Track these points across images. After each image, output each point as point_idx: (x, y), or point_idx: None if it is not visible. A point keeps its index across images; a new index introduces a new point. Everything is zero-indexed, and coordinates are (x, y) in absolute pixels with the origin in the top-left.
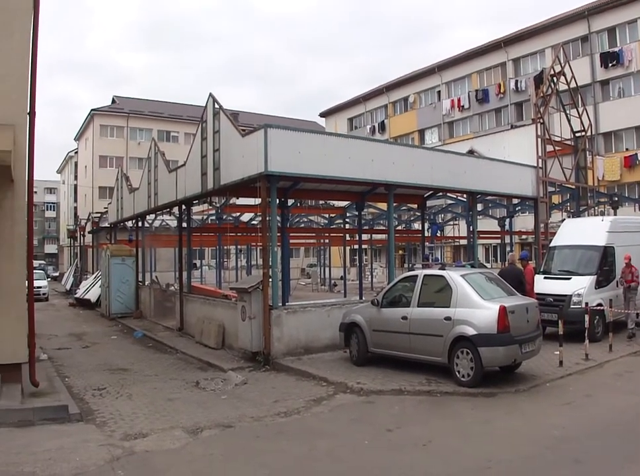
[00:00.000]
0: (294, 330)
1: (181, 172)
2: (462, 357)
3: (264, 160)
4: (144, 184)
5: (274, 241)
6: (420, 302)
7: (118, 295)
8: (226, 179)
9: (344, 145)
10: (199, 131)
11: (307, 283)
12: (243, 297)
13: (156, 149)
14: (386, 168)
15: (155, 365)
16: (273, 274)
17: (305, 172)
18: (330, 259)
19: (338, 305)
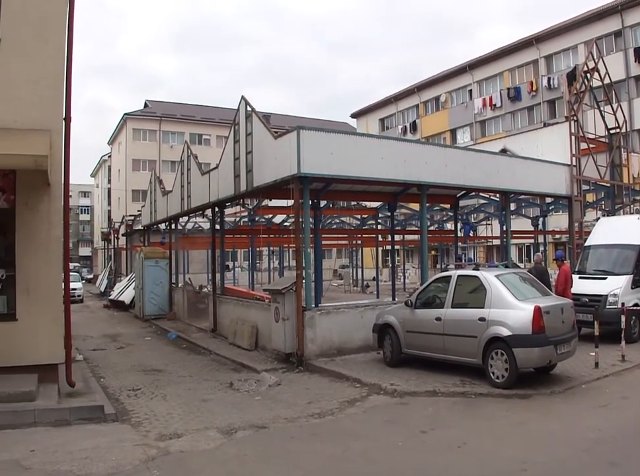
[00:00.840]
0: (327, 331)
1: (214, 174)
2: (496, 358)
3: (296, 162)
4: (177, 186)
5: (306, 243)
6: (454, 303)
7: (152, 296)
8: (259, 181)
9: (376, 146)
10: (231, 134)
11: (339, 285)
12: (276, 298)
13: (188, 152)
14: (418, 169)
15: (188, 366)
16: (306, 276)
17: (338, 174)
18: (363, 260)
19: (371, 306)
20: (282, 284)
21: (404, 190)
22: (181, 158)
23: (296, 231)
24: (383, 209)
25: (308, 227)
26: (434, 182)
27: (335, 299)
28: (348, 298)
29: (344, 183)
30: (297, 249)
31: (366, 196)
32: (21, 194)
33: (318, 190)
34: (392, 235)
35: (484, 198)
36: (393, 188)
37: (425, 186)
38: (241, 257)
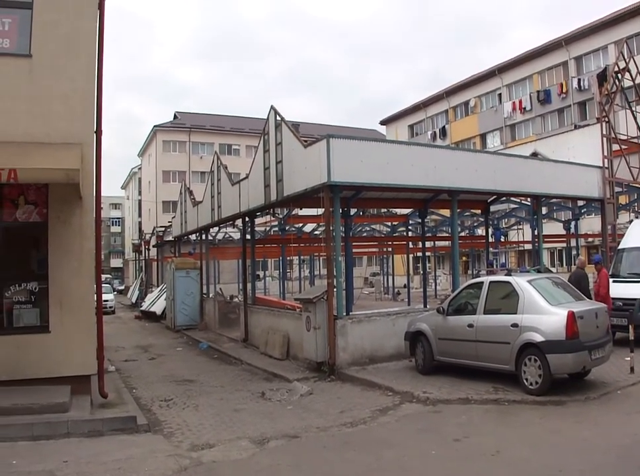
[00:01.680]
0: (359, 339)
1: (244, 184)
2: (530, 364)
3: (326, 171)
4: (207, 197)
5: (337, 251)
6: (486, 309)
7: (183, 307)
8: (289, 190)
9: (406, 153)
10: (261, 144)
11: (370, 292)
12: (308, 307)
13: (218, 163)
14: (449, 174)
15: (220, 376)
16: (337, 284)
17: (368, 181)
18: (393, 267)
19: (403, 313)
20: (313, 293)
21: (435, 197)
22: (211, 169)
23: (327, 240)
24: (414, 216)
25: (339, 235)
26: (465, 188)
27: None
28: (379, 306)
29: (374, 191)
30: (328, 258)
31: (396, 203)
32: (53, 207)
33: (348, 198)
34: (423, 241)
35: (515, 203)
36: (423, 195)
37: (456, 192)
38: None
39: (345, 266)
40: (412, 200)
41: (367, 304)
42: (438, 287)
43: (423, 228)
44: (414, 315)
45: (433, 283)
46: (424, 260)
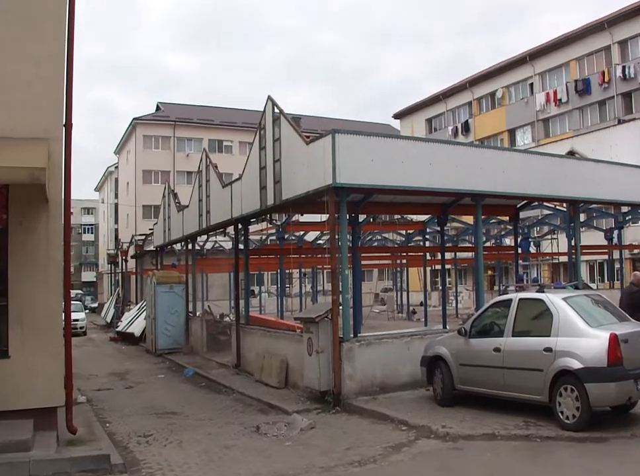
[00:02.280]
0: (368, 365)
1: (236, 186)
2: (566, 395)
3: (331, 171)
4: (194, 201)
5: (344, 263)
6: (515, 331)
7: (166, 327)
8: (288, 193)
9: (423, 150)
10: (256, 140)
11: (381, 311)
12: (309, 328)
13: (207, 161)
14: (472, 176)
15: (208, 407)
16: (344, 301)
17: (379, 183)
18: (408, 282)
19: (419, 335)
20: (316, 312)
21: (456, 201)
22: (199, 169)
23: (332, 250)
24: (432, 223)
25: (345, 245)
26: (491, 191)
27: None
28: (391, 326)
29: (386, 194)
30: (333, 271)
31: (412, 208)
32: (15, 211)
33: (356, 202)
34: (442, 252)
35: (548, 208)
36: (442, 199)
37: (480, 196)
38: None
39: (352, 280)
40: (430, 205)
41: (378, 324)
42: (459, 305)
43: (442, 237)
44: (432, 337)
45: (454, 300)
46: (444, 273)
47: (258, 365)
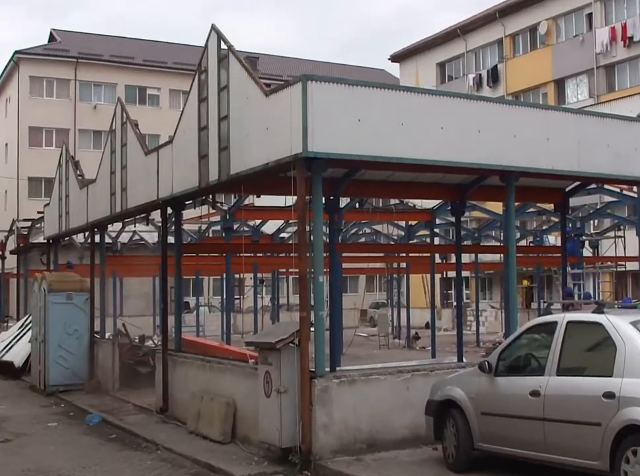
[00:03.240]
0: (351, 412)
1: (165, 154)
2: (635, 461)
3: (301, 135)
4: (104, 173)
5: (318, 266)
6: (562, 367)
7: (60, 355)
8: (239, 165)
9: (432, 108)
10: (194, 88)
11: (370, 335)
12: (267, 357)
13: (123, 117)
14: (502, 145)
15: (121, 470)
16: (317, 320)
17: (369, 154)
18: (409, 295)
19: (424, 370)
20: (277, 335)
21: (479, 181)
22: (111, 127)
23: (300, 248)
24: (443, 211)
25: (320, 241)
26: (528, 167)
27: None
28: (384, 357)
29: (379, 169)
30: (302, 277)
31: (415, 190)
32: None
33: (336, 180)
34: (458, 253)
35: (612, 194)
36: (459, 178)
37: (513, 174)
38: (210, 290)
39: (330, 290)
40: (441, 186)
41: (366, 354)
42: (481, 329)
43: (458, 232)
44: (442, 373)
45: (473, 322)
46: (460, 284)
47: (194, 410)
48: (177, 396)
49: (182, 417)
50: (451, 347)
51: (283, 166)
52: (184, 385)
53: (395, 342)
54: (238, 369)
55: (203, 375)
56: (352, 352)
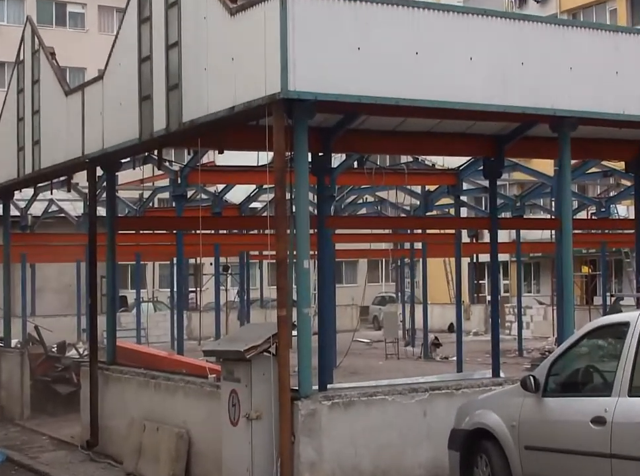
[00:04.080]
0: (347, 445)
1: (94, 94)
2: None
3: (279, 67)
4: (8, 121)
5: (302, 247)
6: (636, 385)
7: None
8: (195, 110)
9: (458, 31)
10: (133, 3)
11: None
12: (234, 371)
13: (35, 43)
14: (553, 81)
15: None
16: (301, 321)
17: (372, 93)
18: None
19: (446, 389)
20: (247, 341)
21: (521, 130)
22: (18, 58)
23: (278, 222)
24: (473, 171)
25: (306, 213)
26: (589, 112)
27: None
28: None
29: (385, 114)
30: (281, 262)
31: (434, 143)
32: None
33: (328, 130)
34: (493, 230)
35: None
36: (494, 126)
37: (568, 121)
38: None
39: (319, 280)
40: (470, 138)
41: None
42: (524, 333)
43: (493, 200)
44: (472, 393)
45: (514, 322)
46: (496, 271)
47: (133, 444)
48: (110, 426)
49: (116, 454)
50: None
51: (254, 112)
52: (119, 410)
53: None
54: (193, 388)
55: (146, 397)
56: (349, 363)
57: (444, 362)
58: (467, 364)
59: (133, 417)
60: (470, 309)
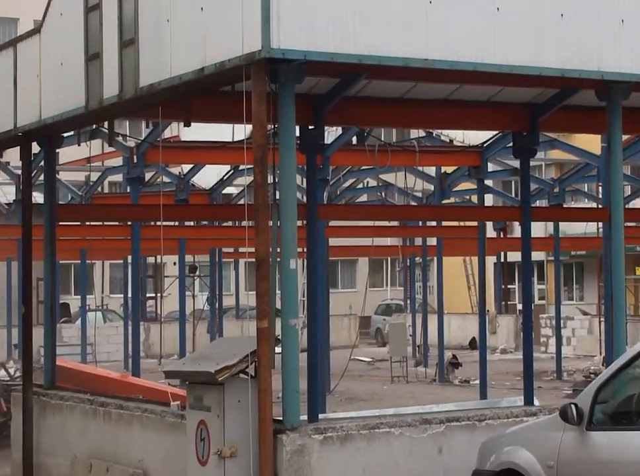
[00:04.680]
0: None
1: (29, 52)
2: None
3: (260, 20)
4: None
5: (288, 242)
6: None
7: None
8: (155, 72)
9: None
10: None
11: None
12: (203, 398)
13: None
14: (600, 37)
15: None
16: (286, 334)
17: (375, 52)
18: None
19: (466, 420)
20: (219, 359)
21: (560, 98)
22: None
23: (258, 212)
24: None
25: (293, 201)
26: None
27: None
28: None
29: (392, 77)
30: (261, 261)
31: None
32: None
33: (321, 97)
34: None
35: None
36: (526, 93)
37: (618, 86)
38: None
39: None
40: (497, 107)
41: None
42: (565, 350)
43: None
44: (498, 425)
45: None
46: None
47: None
48: (48, 465)
49: None
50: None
51: (229, 75)
52: (60, 446)
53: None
54: (152, 418)
55: (93, 429)
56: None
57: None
58: (493, 389)
59: (77, 454)
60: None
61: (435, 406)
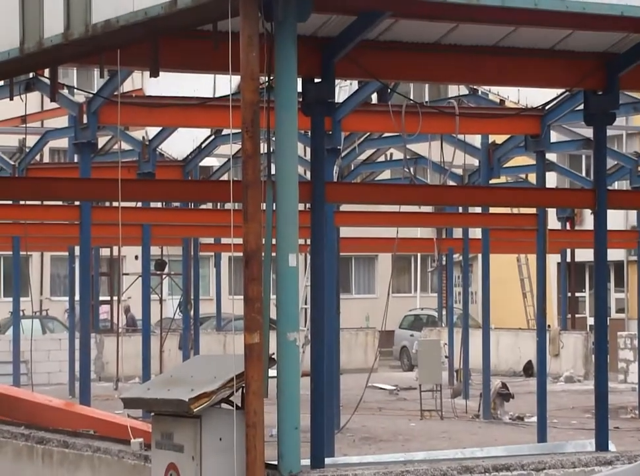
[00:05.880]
0: None
1: None
2: None
3: None
4: None
5: (286, 232)
6: None
7: None
8: (112, 6)
9: None
10: None
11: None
12: (173, 434)
13: None
14: None
15: None
16: (283, 353)
17: None
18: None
19: (519, 468)
20: (195, 383)
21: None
22: None
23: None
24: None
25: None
26: None
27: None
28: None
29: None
30: (251, 255)
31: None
32: None
33: (330, 41)
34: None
35: None
36: (601, 40)
37: None
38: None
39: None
40: (562, 58)
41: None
42: None
43: (600, 161)
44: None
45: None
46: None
47: None
48: None
49: None
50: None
51: (210, 9)
52: None
53: (456, 405)
54: (107, 459)
55: (29, 472)
56: (362, 424)
57: (516, 425)
58: (555, 429)
59: None
60: (560, 338)
61: (478, 451)
